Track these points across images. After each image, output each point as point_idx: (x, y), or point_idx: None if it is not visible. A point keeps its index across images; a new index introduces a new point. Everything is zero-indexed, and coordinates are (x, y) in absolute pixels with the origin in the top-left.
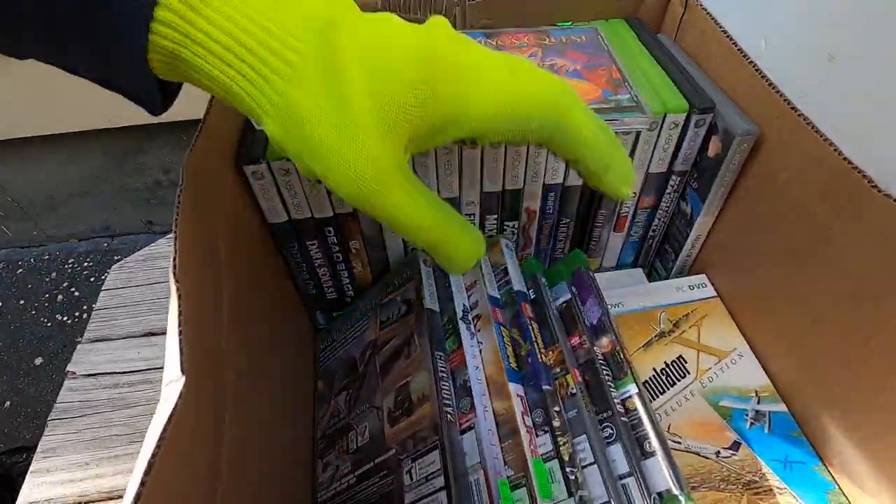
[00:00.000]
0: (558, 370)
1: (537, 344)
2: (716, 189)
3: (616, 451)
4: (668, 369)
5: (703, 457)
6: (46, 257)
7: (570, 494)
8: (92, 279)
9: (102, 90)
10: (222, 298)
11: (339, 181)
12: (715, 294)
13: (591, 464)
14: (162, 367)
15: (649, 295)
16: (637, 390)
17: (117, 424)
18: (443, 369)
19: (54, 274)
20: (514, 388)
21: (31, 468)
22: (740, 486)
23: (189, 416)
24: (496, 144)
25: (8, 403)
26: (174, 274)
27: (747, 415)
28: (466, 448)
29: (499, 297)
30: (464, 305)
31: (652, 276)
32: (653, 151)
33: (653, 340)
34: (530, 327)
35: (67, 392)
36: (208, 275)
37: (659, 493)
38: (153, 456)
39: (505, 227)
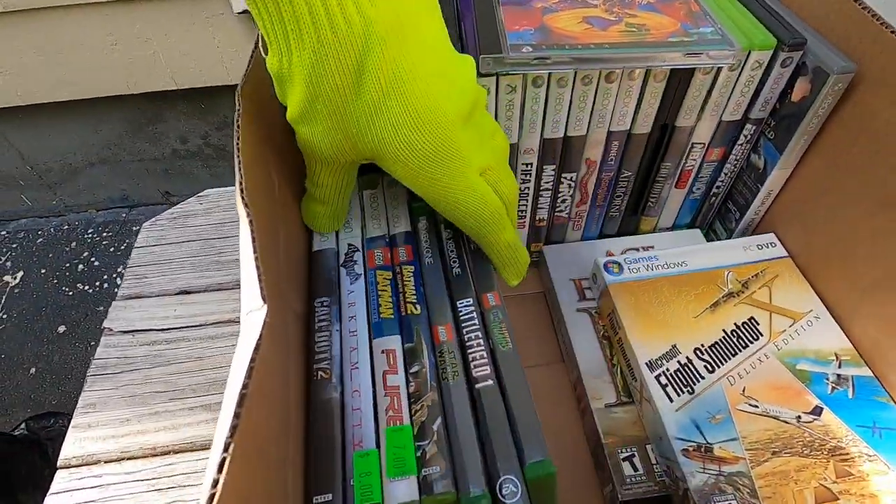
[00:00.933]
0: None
1: (404, 293)
2: (797, 138)
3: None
4: (738, 331)
5: (783, 421)
6: (66, 227)
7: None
8: (111, 249)
9: (120, 54)
10: (279, 236)
11: None
12: (786, 253)
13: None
14: (198, 326)
15: (714, 254)
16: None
17: (156, 381)
18: (323, 319)
19: (74, 244)
20: (381, 343)
21: (73, 422)
22: (825, 453)
23: (268, 347)
24: None
25: (33, 370)
26: (243, 199)
27: (828, 379)
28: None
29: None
30: (349, 245)
31: (710, 238)
32: (729, 96)
33: (720, 301)
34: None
35: (105, 348)
36: (268, 210)
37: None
38: (244, 387)
39: (562, 180)
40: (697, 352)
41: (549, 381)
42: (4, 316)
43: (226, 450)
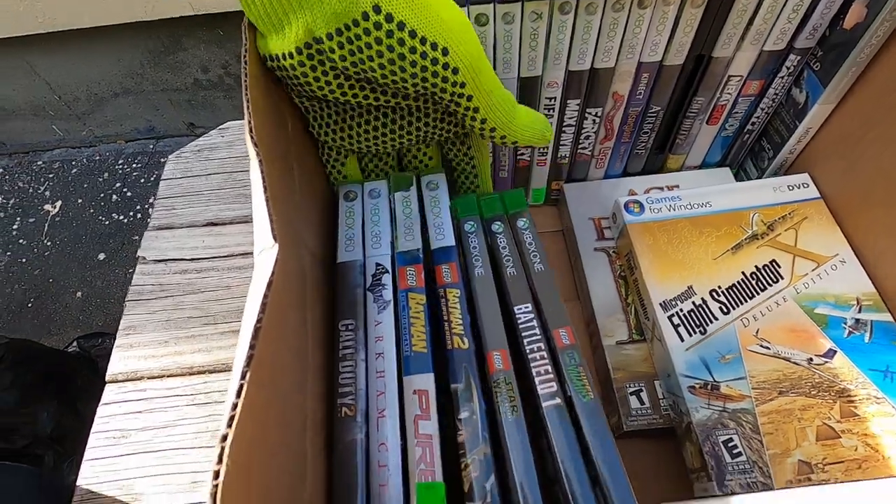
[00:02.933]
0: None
1: (450, 322)
2: (845, 69)
3: None
4: (758, 273)
5: (793, 363)
6: (98, 158)
7: None
8: (142, 180)
9: None
10: (293, 174)
11: None
12: (818, 195)
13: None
14: (226, 256)
15: (741, 194)
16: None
17: (189, 307)
18: (347, 346)
19: (106, 174)
20: (413, 381)
21: (116, 343)
22: (833, 394)
23: (281, 285)
24: None
25: (79, 294)
26: (252, 138)
27: (845, 323)
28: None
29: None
30: (377, 265)
31: (740, 177)
32: (775, 22)
33: (743, 243)
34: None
35: (140, 276)
36: (279, 148)
37: None
38: (258, 321)
39: (587, 115)
40: (713, 293)
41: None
42: (49, 243)
43: (243, 377)
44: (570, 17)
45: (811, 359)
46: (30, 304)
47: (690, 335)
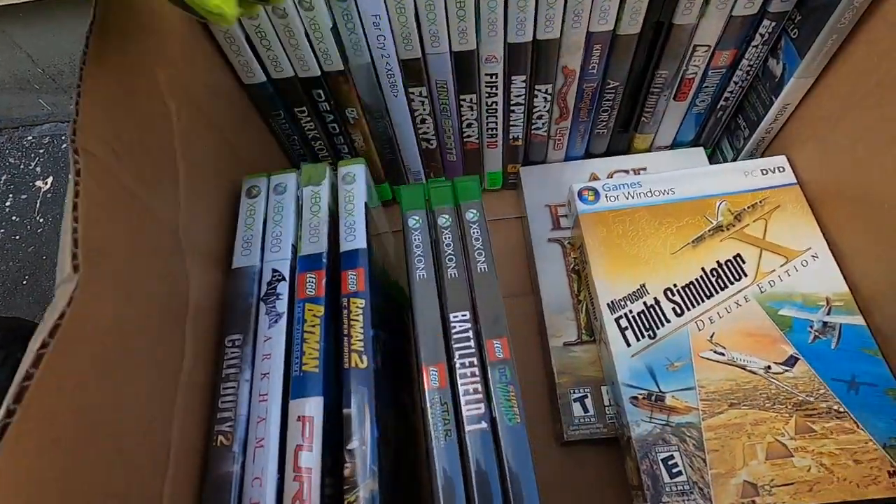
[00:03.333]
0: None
1: (350, 337)
2: (825, 37)
3: None
4: (720, 270)
5: (749, 371)
6: None
7: None
8: None
9: None
10: (178, 175)
11: None
12: (794, 181)
13: None
14: None
15: (708, 179)
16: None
17: None
18: (232, 363)
19: None
20: (299, 406)
21: None
22: (790, 407)
23: (107, 318)
24: None
25: None
26: (73, 142)
27: (811, 326)
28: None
29: (314, 255)
30: (273, 272)
31: (715, 158)
32: None
33: (705, 235)
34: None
35: None
36: (150, 144)
37: None
38: (26, 378)
39: (536, 93)
40: (668, 293)
41: (518, 313)
42: (41, 219)
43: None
44: None
45: (769, 367)
46: (24, 282)
47: (638, 339)
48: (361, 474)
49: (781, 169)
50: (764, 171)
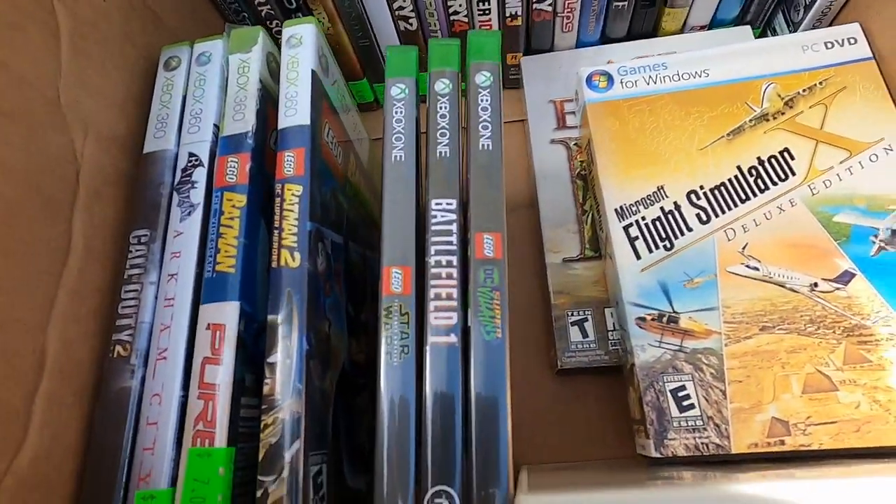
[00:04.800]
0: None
1: (281, 230)
2: None
3: None
4: (761, 168)
5: (788, 289)
6: None
7: None
8: None
9: None
10: (73, 41)
11: None
12: (869, 54)
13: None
14: None
15: (753, 56)
16: None
17: None
18: (136, 263)
19: None
20: (209, 312)
21: None
22: (838, 332)
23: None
24: None
25: None
26: None
27: (876, 236)
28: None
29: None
30: (190, 156)
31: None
32: None
33: (745, 126)
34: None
35: None
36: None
37: None
38: None
39: None
40: (692, 196)
41: (514, 229)
42: None
43: None
44: None
45: (816, 284)
46: None
47: (651, 251)
48: (283, 392)
49: (853, 40)
50: (829, 45)
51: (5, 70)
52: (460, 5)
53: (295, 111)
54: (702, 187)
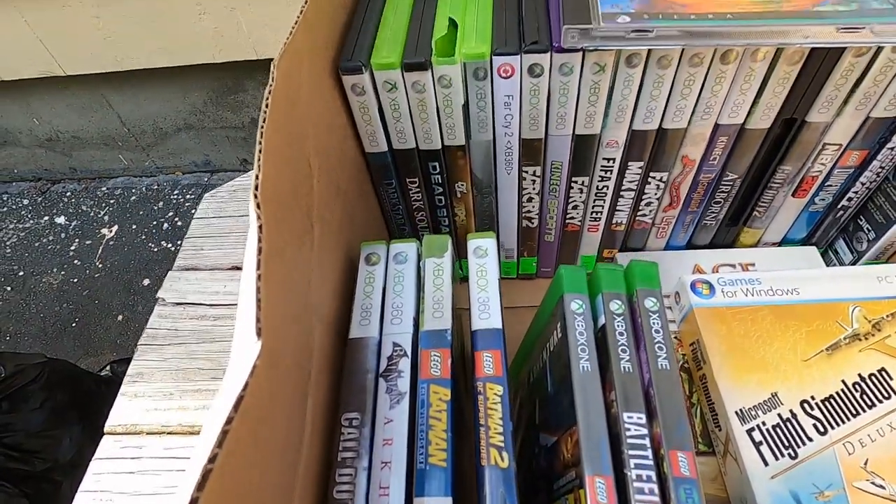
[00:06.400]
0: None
1: (488, 428)
2: None
3: None
4: (863, 384)
5: None
6: (155, 187)
7: None
8: (193, 211)
9: (208, 24)
10: (313, 236)
11: None
12: None
13: None
14: None
15: (836, 282)
16: None
17: (201, 358)
18: (349, 447)
19: (161, 203)
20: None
21: (121, 391)
22: None
23: (260, 400)
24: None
25: (121, 317)
26: (255, 196)
27: None
28: None
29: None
30: (395, 346)
31: (828, 259)
32: (888, 84)
33: (841, 343)
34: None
35: (157, 318)
36: (300, 204)
37: None
38: (210, 460)
39: (650, 180)
40: (806, 405)
41: None
42: (100, 265)
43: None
44: (638, 70)
45: None
46: (74, 324)
47: (777, 458)
48: None
49: None
50: None
51: (299, 277)
52: (578, 212)
53: (488, 315)
54: (813, 398)
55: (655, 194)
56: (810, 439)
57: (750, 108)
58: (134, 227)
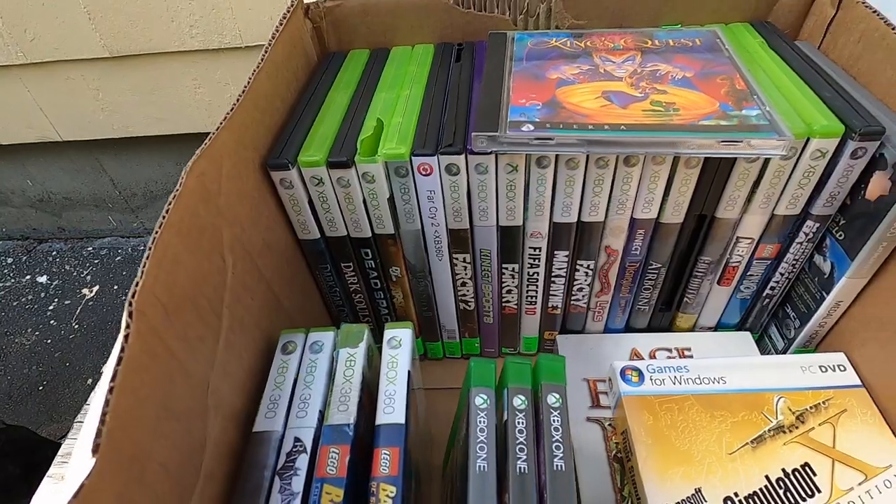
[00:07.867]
0: None
1: None
2: (874, 245)
3: None
4: (787, 480)
5: None
6: (141, 248)
7: None
8: None
9: (203, 96)
10: (221, 325)
11: None
12: (859, 382)
13: None
14: None
15: (762, 372)
16: None
17: None
18: None
19: None
20: None
21: (49, 471)
22: None
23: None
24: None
25: (90, 381)
26: (130, 304)
27: None
28: None
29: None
30: (295, 441)
31: (763, 344)
32: (784, 187)
33: (765, 436)
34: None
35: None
36: (203, 299)
37: None
38: None
39: (578, 267)
40: (729, 503)
41: None
42: (76, 326)
43: None
44: (549, 170)
45: None
46: (41, 388)
47: None
48: None
49: (842, 368)
50: (823, 369)
51: (187, 378)
52: (513, 297)
53: (392, 409)
54: (736, 494)
55: (586, 280)
56: None
57: (661, 205)
58: (115, 287)
